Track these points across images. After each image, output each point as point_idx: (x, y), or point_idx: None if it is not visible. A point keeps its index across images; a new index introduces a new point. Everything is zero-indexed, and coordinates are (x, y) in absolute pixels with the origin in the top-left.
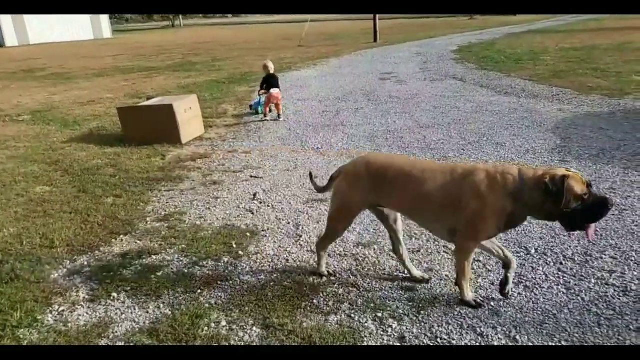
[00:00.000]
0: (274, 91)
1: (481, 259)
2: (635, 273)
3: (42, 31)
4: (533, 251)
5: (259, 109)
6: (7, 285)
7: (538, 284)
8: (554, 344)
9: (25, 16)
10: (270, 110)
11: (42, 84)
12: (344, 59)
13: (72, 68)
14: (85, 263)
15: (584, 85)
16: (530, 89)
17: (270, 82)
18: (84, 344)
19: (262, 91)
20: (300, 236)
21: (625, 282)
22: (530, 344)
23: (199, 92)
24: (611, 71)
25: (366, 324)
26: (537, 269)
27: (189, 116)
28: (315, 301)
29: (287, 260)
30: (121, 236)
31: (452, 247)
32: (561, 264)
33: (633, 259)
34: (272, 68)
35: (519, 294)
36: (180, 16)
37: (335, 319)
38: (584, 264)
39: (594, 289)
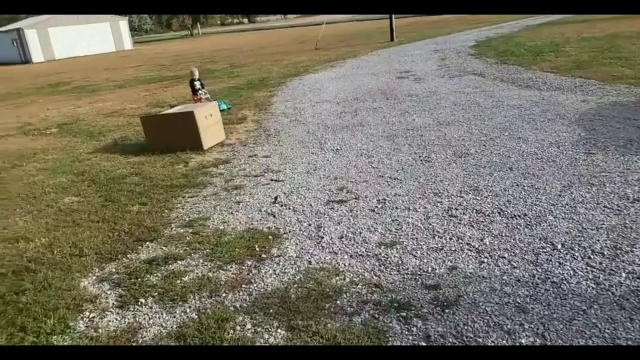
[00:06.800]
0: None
1: (506, 257)
2: None
3: (67, 46)
4: (559, 246)
5: (223, 106)
6: (40, 293)
7: (565, 279)
8: (584, 342)
9: (50, 32)
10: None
11: (67, 97)
12: (361, 59)
13: (95, 80)
14: (114, 270)
15: (608, 74)
16: (552, 81)
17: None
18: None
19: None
20: (322, 237)
21: None
22: (560, 341)
23: (219, 99)
24: (636, 59)
25: (390, 324)
26: (565, 264)
27: (209, 122)
28: (338, 302)
29: (310, 262)
30: (147, 243)
31: (476, 244)
32: (589, 258)
33: None
34: (197, 74)
35: (546, 290)
36: (199, 24)
37: (359, 319)
38: (613, 258)
39: (624, 283)
